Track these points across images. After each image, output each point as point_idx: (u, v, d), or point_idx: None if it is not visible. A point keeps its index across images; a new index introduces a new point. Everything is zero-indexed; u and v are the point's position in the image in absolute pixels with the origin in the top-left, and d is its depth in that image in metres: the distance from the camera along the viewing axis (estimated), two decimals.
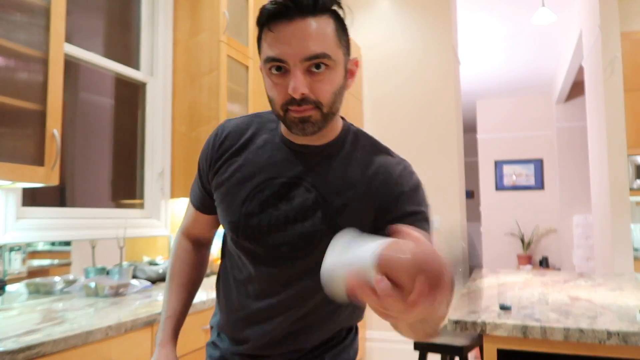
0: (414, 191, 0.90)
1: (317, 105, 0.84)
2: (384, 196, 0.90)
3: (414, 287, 0.50)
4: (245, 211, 0.93)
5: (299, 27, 0.81)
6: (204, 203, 1.06)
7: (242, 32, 2.91)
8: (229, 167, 0.97)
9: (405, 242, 0.54)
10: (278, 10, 0.81)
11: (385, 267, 0.52)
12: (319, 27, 0.82)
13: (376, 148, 0.96)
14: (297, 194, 0.91)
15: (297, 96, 0.81)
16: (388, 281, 0.51)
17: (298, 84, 0.81)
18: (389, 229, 0.70)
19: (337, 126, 0.94)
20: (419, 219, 0.87)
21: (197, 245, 1.15)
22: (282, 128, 0.95)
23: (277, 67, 0.83)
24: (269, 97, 0.88)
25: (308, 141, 0.92)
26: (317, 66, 0.82)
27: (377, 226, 0.88)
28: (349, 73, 0.90)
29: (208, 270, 2.63)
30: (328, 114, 0.86)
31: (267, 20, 0.83)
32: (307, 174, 0.92)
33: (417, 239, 0.55)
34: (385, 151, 0.96)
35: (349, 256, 0.55)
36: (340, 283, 0.54)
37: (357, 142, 0.96)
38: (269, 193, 0.92)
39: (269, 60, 0.83)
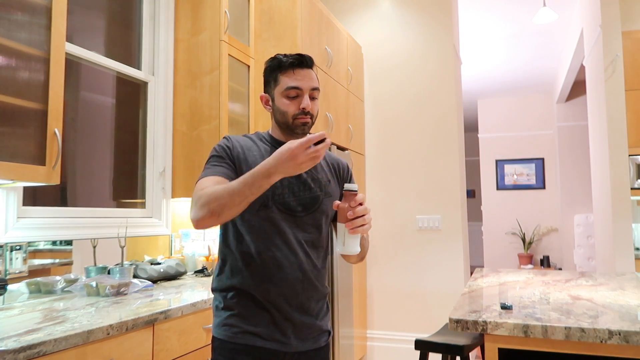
0: (351, 173, 1.58)
1: (311, 116, 1.41)
2: (342, 175, 1.54)
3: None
4: (274, 186, 1.31)
5: (308, 73, 1.40)
6: (231, 176, 1.34)
7: (244, 31, 2.91)
8: (247, 160, 1.38)
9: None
10: (299, 62, 1.38)
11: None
12: (314, 74, 1.42)
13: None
14: (301, 174, 1.35)
15: (307, 109, 1.37)
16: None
17: (308, 103, 1.38)
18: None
19: None
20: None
21: None
22: (274, 134, 1.45)
23: (295, 94, 1.38)
24: (281, 110, 1.39)
25: None
26: (313, 97, 1.40)
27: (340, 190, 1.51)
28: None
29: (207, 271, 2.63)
30: (313, 123, 1.43)
31: (289, 66, 1.37)
32: None
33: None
34: (328, 153, 1.56)
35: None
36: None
37: None
38: None
39: (290, 88, 1.37)
